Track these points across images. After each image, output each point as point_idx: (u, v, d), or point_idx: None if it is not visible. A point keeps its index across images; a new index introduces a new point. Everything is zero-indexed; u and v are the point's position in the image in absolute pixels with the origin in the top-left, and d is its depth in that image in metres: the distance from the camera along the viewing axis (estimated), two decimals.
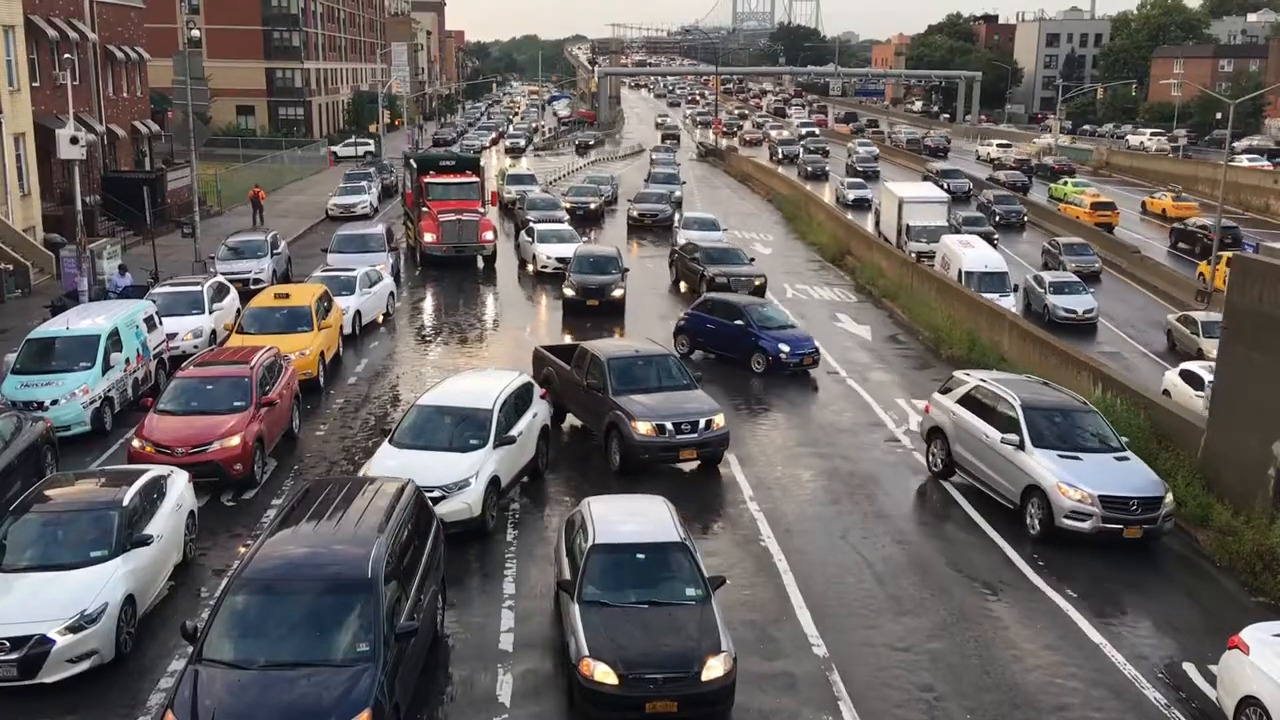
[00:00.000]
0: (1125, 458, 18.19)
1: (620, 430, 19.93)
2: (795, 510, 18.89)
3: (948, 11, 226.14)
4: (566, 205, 50.89)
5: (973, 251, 36.90)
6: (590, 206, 53.70)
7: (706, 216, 47.09)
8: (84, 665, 13.01)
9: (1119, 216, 58.02)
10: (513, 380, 19.76)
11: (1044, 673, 13.91)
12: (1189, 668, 14.22)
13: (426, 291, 37.12)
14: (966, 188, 66.57)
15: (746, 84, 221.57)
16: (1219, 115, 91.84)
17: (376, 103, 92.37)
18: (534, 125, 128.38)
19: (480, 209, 41.41)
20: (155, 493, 15.61)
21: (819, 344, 28.22)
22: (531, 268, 39.40)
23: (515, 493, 18.97)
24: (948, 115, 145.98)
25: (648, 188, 58.36)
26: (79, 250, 32.04)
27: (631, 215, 51.69)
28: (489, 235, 40.33)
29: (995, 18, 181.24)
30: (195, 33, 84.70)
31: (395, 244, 39.56)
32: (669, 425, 19.84)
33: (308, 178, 72.04)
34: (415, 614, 12.44)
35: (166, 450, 18.36)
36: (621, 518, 14.19)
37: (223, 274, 32.59)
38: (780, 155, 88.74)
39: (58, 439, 19.79)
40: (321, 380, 25.29)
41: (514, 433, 18.38)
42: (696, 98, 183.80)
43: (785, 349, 26.99)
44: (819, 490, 19.93)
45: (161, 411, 19.49)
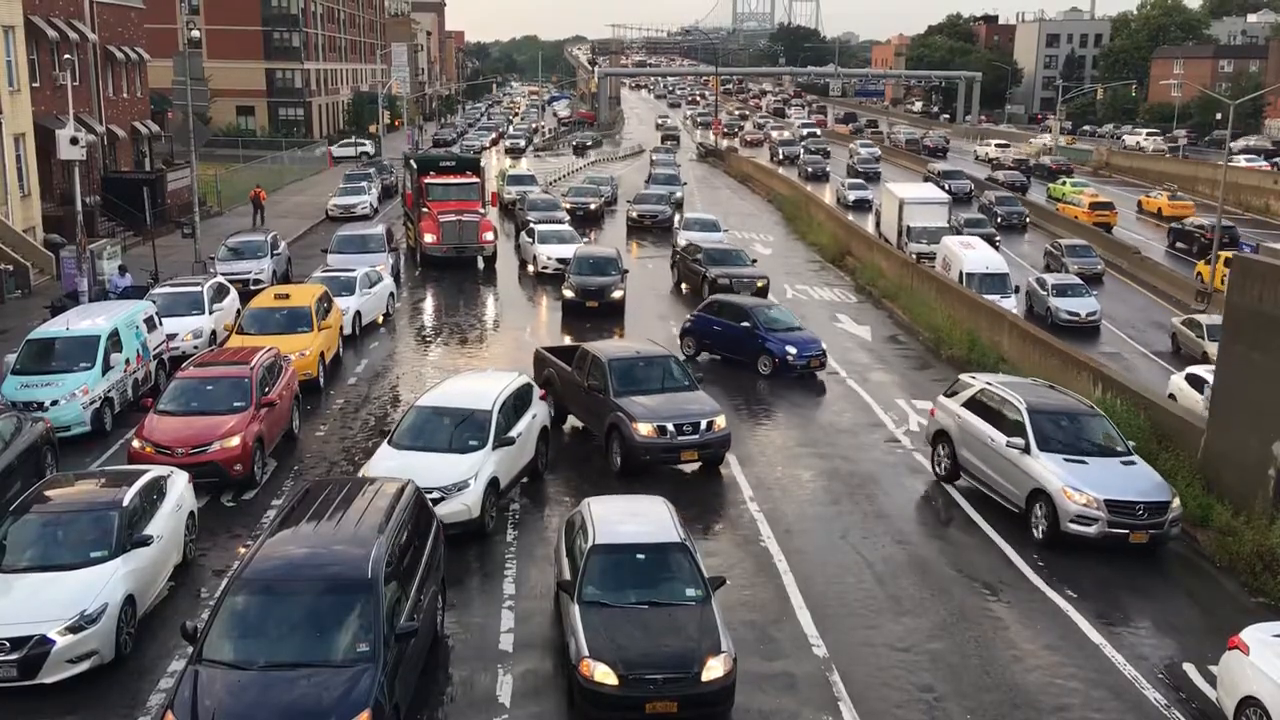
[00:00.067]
0: (1132, 462, 18.10)
1: (621, 431, 19.90)
2: (795, 510, 18.89)
3: (948, 12, 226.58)
4: (566, 206, 50.79)
5: (974, 253, 36.87)
6: (590, 207, 53.60)
7: (707, 217, 46.99)
8: (84, 666, 13.01)
9: (1117, 216, 58.01)
10: (512, 381, 19.75)
11: (1044, 673, 13.91)
12: (1189, 668, 14.22)
13: (426, 292, 37.11)
14: (968, 189, 66.11)
15: (746, 85, 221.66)
16: (1219, 116, 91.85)
17: (376, 103, 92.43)
18: (534, 126, 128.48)
19: (480, 210, 41.39)
20: (155, 493, 15.61)
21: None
22: (532, 268, 39.38)
23: (515, 493, 18.96)
24: (948, 116, 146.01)
25: (648, 188, 58.10)
26: (79, 251, 32.01)
27: (631, 216, 51.58)
28: (489, 236, 40.32)
29: (995, 18, 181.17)
30: (195, 33, 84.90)
31: (395, 244, 39.55)
32: (670, 426, 19.81)
33: (307, 178, 72.01)
34: (415, 614, 12.44)
35: (166, 451, 18.35)
36: (621, 518, 14.19)
37: (223, 274, 32.58)
38: (781, 156, 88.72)
39: (58, 439, 19.79)
40: (321, 381, 25.29)
41: (513, 434, 18.38)
42: (696, 98, 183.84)
43: (792, 351, 26.94)
44: (819, 490, 19.92)
45: (161, 412, 19.49)
